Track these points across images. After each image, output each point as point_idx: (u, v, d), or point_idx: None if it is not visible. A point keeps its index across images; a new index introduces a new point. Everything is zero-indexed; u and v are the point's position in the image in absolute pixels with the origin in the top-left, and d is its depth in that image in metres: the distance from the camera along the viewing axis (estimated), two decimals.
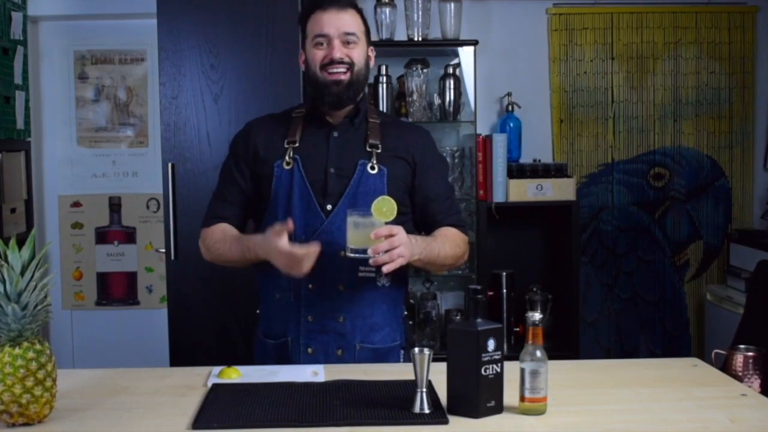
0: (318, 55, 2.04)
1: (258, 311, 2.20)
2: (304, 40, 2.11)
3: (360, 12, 2.10)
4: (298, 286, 2.04)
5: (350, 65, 2.04)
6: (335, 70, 2.03)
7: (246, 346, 2.24)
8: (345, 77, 2.03)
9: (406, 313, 2.20)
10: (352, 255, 1.88)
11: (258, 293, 2.19)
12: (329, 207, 2.03)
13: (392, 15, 3.63)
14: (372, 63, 2.14)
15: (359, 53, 2.06)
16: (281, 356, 2.08)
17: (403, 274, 2.14)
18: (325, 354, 2.05)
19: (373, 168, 2.04)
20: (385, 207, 1.87)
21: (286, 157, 2.06)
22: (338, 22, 2.03)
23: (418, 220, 2.14)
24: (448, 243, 2.07)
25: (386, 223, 1.87)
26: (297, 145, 2.07)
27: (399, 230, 1.87)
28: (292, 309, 2.06)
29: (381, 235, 1.83)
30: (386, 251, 1.83)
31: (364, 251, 1.85)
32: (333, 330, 2.05)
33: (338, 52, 2.03)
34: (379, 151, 2.07)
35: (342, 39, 2.03)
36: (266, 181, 2.07)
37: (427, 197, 2.12)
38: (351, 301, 2.05)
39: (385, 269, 1.85)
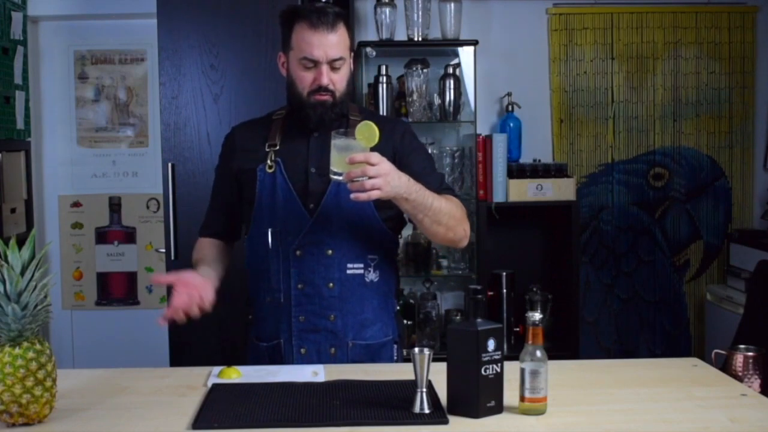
0: (306, 78, 2.01)
1: (250, 316, 2.20)
2: (286, 43, 2.06)
3: (347, 24, 2.05)
4: (287, 288, 2.04)
5: (333, 92, 2.01)
6: (321, 96, 2.00)
7: (246, 346, 2.25)
8: (328, 99, 2.02)
9: (398, 307, 2.20)
10: (332, 177, 1.85)
11: (249, 299, 2.19)
12: (312, 206, 2.03)
13: (392, 15, 3.63)
14: (353, 70, 2.12)
15: (343, 76, 2.04)
16: (274, 358, 2.08)
17: (391, 267, 2.14)
18: (318, 353, 2.05)
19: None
20: (367, 132, 1.83)
21: (268, 161, 2.06)
22: (327, 46, 1.98)
23: None
24: (445, 201, 2.01)
25: (371, 150, 1.83)
26: (278, 147, 2.07)
27: (379, 161, 1.82)
28: (282, 310, 2.06)
29: (356, 161, 1.79)
30: (366, 180, 1.79)
31: (342, 174, 1.83)
32: (325, 329, 2.05)
33: (325, 79, 1.99)
34: None
35: (330, 64, 2.00)
36: (250, 186, 2.08)
37: (414, 173, 2.03)
38: (341, 299, 2.05)
39: (353, 197, 1.82)
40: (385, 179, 1.81)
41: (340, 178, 1.83)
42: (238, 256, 2.21)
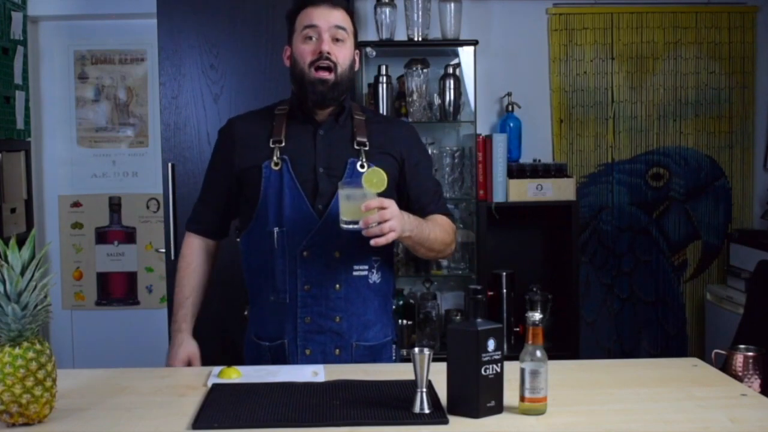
0: (306, 50, 2.04)
1: (246, 313, 2.20)
2: (291, 35, 2.11)
3: (351, 15, 2.11)
4: (293, 288, 2.04)
5: (335, 66, 2.03)
6: (322, 65, 2.02)
7: (242, 343, 2.26)
8: (330, 77, 2.03)
9: (394, 307, 2.21)
10: (344, 227, 1.88)
11: (246, 295, 2.19)
12: (320, 207, 2.03)
13: (392, 15, 3.63)
14: (357, 66, 2.14)
15: (346, 53, 2.06)
16: (277, 358, 2.07)
17: (390, 269, 2.15)
18: (323, 354, 2.05)
19: (362, 166, 2.04)
20: (375, 178, 1.88)
21: (274, 158, 2.05)
22: (329, 16, 2.04)
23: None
24: (438, 227, 2.08)
25: (378, 195, 1.87)
26: (283, 144, 2.07)
27: (390, 204, 1.87)
28: (288, 311, 2.05)
29: (371, 207, 1.84)
30: (378, 224, 1.84)
31: (356, 223, 1.86)
32: (330, 330, 2.05)
33: (326, 45, 2.02)
34: (366, 148, 2.07)
35: (331, 33, 2.03)
36: (254, 182, 2.06)
37: (416, 192, 2.13)
38: (347, 300, 2.05)
39: (373, 242, 1.86)
40: (398, 221, 1.88)
41: (356, 226, 1.86)
42: (238, 255, 2.21)
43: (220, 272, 2.39)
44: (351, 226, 1.87)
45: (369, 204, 1.84)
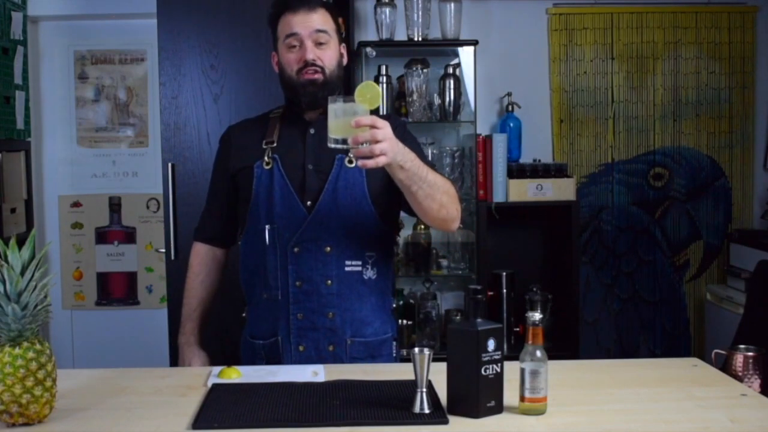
0: (291, 58, 2.05)
1: (244, 314, 2.21)
2: (275, 41, 2.12)
3: (331, 11, 2.10)
4: (285, 285, 2.04)
5: (322, 69, 2.04)
6: (309, 71, 2.03)
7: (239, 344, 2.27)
8: (319, 77, 2.04)
9: (394, 305, 2.20)
10: (333, 146, 1.77)
11: (244, 297, 2.19)
12: (309, 203, 2.03)
13: (392, 15, 3.63)
14: (345, 60, 2.14)
15: (331, 54, 2.06)
16: (271, 356, 2.08)
17: (388, 265, 2.15)
18: (317, 350, 2.05)
19: (350, 162, 2.03)
20: (369, 93, 1.78)
21: (265, 158, 2.07)
22: (308, 21, 2.04)
23: (405, 201, 2.02)
24: (440, 177, 1.98)
25: (372, 113, 1.77)
26: (275, 144, 2.09)
27: (384, 125, 1.75)
28: (280, 308, 2.06)
29: (363, 125, 1.73)
30: (369, 145, 1.73)
31: (345, 141, 1.74)
32: (323, 326, 2.05)
33: (311, 54, 2.03)
34: None
35: (313, 38, 2.03)
36: (247, 182, 2.08)
37: None
38: (339, 296, 2.05)
39: (360, 164, 1.76)
40: (390, 144, 1.76)
41: (344, 145, 1.75)
42: (237, 255, 2.21)
43: (221, 272, 2.40)
44: (339, 146, 1.76)
45: (360, 121, 1.73)
